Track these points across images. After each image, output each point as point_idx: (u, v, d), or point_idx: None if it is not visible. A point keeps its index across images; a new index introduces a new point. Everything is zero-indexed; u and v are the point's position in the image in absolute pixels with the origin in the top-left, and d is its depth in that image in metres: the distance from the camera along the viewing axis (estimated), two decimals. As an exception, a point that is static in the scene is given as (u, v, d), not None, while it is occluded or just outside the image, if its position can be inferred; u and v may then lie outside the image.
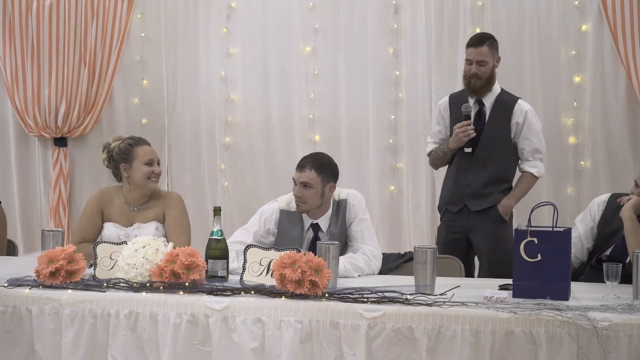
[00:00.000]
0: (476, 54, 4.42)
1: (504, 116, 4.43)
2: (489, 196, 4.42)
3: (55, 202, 5.94)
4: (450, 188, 4.55)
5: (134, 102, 5.96)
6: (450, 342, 2.88)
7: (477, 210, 4.43)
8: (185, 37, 5.89)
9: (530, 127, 4.42)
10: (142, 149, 3.97)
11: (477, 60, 4.41)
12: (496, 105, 4.45)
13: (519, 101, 4.47)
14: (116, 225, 3.96)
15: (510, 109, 4.42)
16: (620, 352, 2.78)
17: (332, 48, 5.68)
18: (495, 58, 4.46)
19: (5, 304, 3.19)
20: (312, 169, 3.77)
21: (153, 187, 3.98)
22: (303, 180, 3.76)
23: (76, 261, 3.26)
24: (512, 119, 4.41)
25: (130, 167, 3.94)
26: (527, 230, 3.05)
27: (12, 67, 5.92)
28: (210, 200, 5.82)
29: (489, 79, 4.43)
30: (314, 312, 2.98)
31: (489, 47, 4.42)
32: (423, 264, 3.13)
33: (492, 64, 4.43)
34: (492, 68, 4.44)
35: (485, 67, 4.41)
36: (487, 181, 4.42)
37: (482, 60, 4.40)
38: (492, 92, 4.47)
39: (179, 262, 3.15)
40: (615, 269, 3.11)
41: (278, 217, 3.86)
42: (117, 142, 4.01)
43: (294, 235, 3.81)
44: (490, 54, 4.42)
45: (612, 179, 5.22)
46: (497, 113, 4.45)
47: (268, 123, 5.80)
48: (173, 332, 3.05)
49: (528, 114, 4.42)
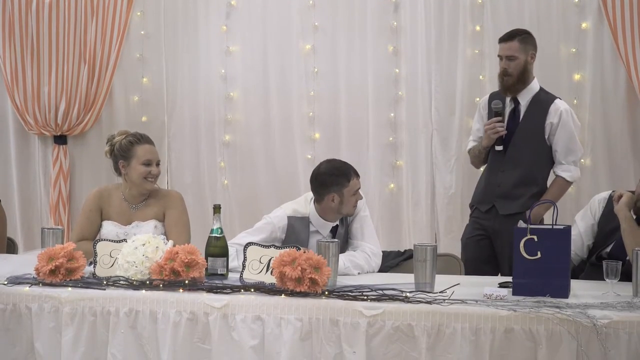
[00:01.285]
0: (505, 49, 4.35)
1: (539, 116, 4.34)
2: (518, 199, 4.34)
3: (55, 200, 5.93)
4: (482, 187, 4.52)
5: (133, 99, 5.95)
6: (450, 339, 2.88)
7: (504, 214, 4.36)
8: (184, 34, 5.88)
9: (565, 128, 4.30)
10: (142, 148, 3.94)
11: (506, 55, 4.34)
12: (532, 104, 4.36)
13: (555, 101, 4.36)
14: (115, 223, 3.96)
15: (546, 108, 4.32)
16: (619, 349, 2.79)
17: (331, 46, 5.67)
18: (528, 54, 4.35)
19: (5, 301, 3.19)
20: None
21: (149, 187, 3.97)
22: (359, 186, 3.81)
23: (76, 259, 3.26)
24: (546, 118, 4.31)
25: (128, 165, 3.93)
26: (527, 228, 3.05)
27: (11, 65, 5.91)
28: (210, 198, 5.81)
29: (521, 75, 4.34)
30: (313, 310, 2.98)
31: (520, 42, 4.33)
32: (423, 262, 3.13)
33: (523, 60, 4.33)
34: (525, 64, 4.34)
35: (515, 63, 4.32)
36: (518, 181, 4.34)
37: (512, 56, 4.32)
38: (528, 90, 4.38)
39: (178, 260, 3.16)
40: (615, 267, 3.11)
41: (286, 223, 3.82)
42: (120, 137, 3.99)
43: (300, 241, 3.78)
44: (521, 49, 4.33)
45: (612, 177, 5.21)
46: (532, 112, 4.36)
47: (268, 121, 5.79)
48: (173, 330, 3.06)
49: (563, 114, 4.30)
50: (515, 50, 4.33)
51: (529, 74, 4.38)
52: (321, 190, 3.75)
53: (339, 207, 3.74)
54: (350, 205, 3.76)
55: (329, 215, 3.80)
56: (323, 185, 3.74)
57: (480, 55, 5.46)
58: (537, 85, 4.42)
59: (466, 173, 5.37)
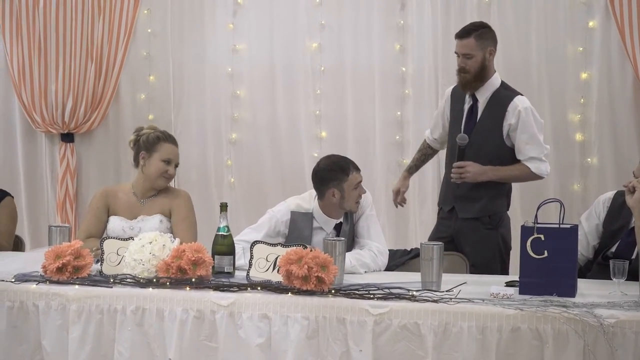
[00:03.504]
0: (461, 47, 4.14)
1: (497, 115, 4.11)
2: (478, 201, 4.15)
3: (62, 198, 5.97)
4: (444, 187, 4.38)
5: (140, 98, 5.98)
6: (457, 338, 2.88)
7: (463, 218, 4.19)
8: (191, 33, 5.91)
9: (524, 127, 4.06)
10: (166, 147, 4.02)
11: (462, 53, 4.13)
12: (490, 102, 4.15)
13: (514, 99, 4.11)
14: (121, 218, 4.00)
15: (505, 107, 4.09)
16: (626, 348, 2.79)
17: (338, 44, 5.69)
18: (486, 50, 4.12)
19: (12, 299, 3.21)
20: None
21: (162, 184, 4.03)
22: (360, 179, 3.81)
23: (83, 257, 3.28)
24: (504, 119, 4.08)
25: (149, 157, 4.00)
26: (534, 227, 3.04)
27: (19, 63, 5.95)
28: (217, 196, 5.83)
29: (479, 73, 4.12)
30: (320, 308, 2.99)
31: (476, 39, 4.10)
32: (429, 261, 3.14)
33: (481, 57, 4.11)
34: (482, 61, 4.11)
35: (472, 61, 4.10)
36: (477, 183, 4.10)
37: (467, 54, 4.11)
38: (487, 86, 4.16)
39: (185, 258, 3.17)
40: (622, 266, 3.10)
41: (289, 218, 3.84)
42: (149, 130, 4.06)
43: (303, 237, 3.79)
44: (478, 46, 4.10)
45: (618, 176, 5.20)
46: (490, 111, 4.14)
47: (274, 119, 5.81)
48: (179, 328, 3.07)
49: (522, 113, 4.06)
50: (472, 48, 4.10)
51: (488, 70, 4.15)
52: (321, 187, 3.77)
53: (340, 202, 3.75)
54: (352, 200, 3.76)
55: (332, 211, 3.81)
56: (323, 181, 3.76)
57: (487, 54, 5.47)
58: (498, 80, 4.20)
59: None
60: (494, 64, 4.23)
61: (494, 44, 4.21)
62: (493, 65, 4.22)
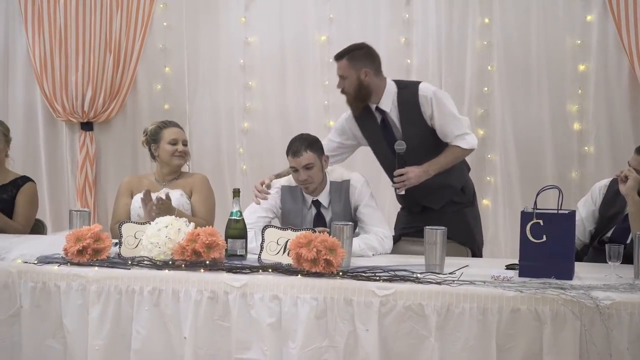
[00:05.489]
0: (337, 68, 4.05)
1: (414, 112, 4.02)
2: (446, 189, 4.11)
3: (82, 184, 6.05)
4: (401, 197, 4.15)
5: (156, 88, 6.05)
6: (459, 319, 2.92)
7: (437, 208, 4.12)
8: (205, 26, 5.95)
9: (441, 111, 3.98)
10: (169, 130, 4.23)
11: (338, 74, 4.05)
12: (400, 105, 4.04)
13: (419, 90, 4.01)
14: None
15: (416, 101, 4.00)
16: (621, 329, 2.82)
17: (346, 37, 5.62)
18: (360, 71, 3.98)
19: (35, 280, 3.27)
20: (307, 150, 3.82)
21: (178, 163, 4.21)
22: (305, 163, 3.80)
23: (102, 240, 3.33)
24: (422, 112, 4.00)
25: (158, 147, 4.21)
26: (533, 212, 3.08)
27: (40, 55, 6.02)
28: (230, 182, 5.88)
29: (358, 93, 4.01)
30: (328, 290, 3.02)
31: (348, 61, 3.99)
32: (433, 245, 3.19)
33: (355, 77, 3.98)
34: (358, 82, 3.98)
35: (348, 81, 4.00)
36: (435, 182, 4.00)
37: (342, 75, 4.02)
38: (386, 96, 4.03)
39: (200, 241, 3.21)
40: (617, 250, 3.14)
41: (280, 193, 3.95)
42: (151, 126, 4.28)
43: (296, 211, 3.88)
44: (350, 67, 3.99)
45: (614, 164, 5.22)
46: (405, 111, 4.04)
47: (284, 109, 5.85)
48: (194, 308, 3.11)
49: (433, 100, 3.97)
50: (345, 70, 4.00)
51: (369, 89, 4.01)
52: None
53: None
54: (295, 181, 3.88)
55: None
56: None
57: (489, 47, 5.52)
58: (393, 86, 4.07)
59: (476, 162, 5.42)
60: (381, 78, 4.08)
61: (371, 64, 4.04)
62: (380, 81, 4.07)
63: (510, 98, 5.50)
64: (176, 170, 4.26)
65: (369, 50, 4.09)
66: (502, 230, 5.60)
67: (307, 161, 3.81)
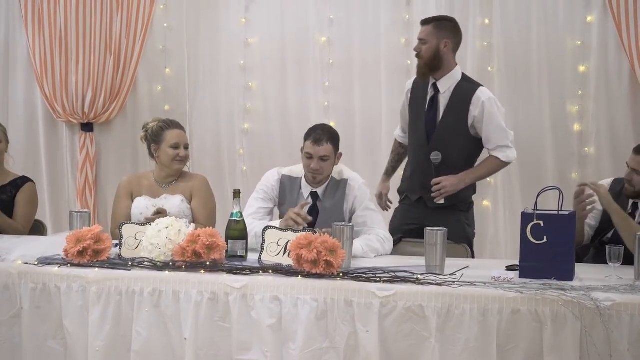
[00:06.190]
0: (420, 33, 4.23)
1: (461, 107, 4.15)
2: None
3: (82, 185, 6.05)
4: (408, 175, 4.36)
5: (157, 89, 6.05)
6: (460, 320, 2.93)
7: (433, 207, 4.17)
8: (205, 27, 5.95)
9: (490, 118, 4.11)
10: (171, 133, 4.15)
11: (419, 37, 4.21)
12: (454, 94, 4.18)
13: (477, 91, 4.16)
14: (145, 197, 4.12)
15: (468, 99, 4.13)
16: (622, 330, 2.83)
17: (346, 38, 5.71)
18: (441, 41, 4.16)
19: (35, 281, 3.27)
20: (329, 142, 3.84)
21: (178, 168, 4.16)
22: (322, 153, 3.83)
23: (102, 241, 3.33)
24: (469, 111, 4.13)
25: (159, 148, 4.14)
26: (534, 213, 3.08)
27: (41, 56, 6.02)
28: (230, 183, 5.88)
29: (432, 60, 4.16)
30: (329, 291, 3.03)
31: (433, 27, 4.17)
32: (433, 246, 3.19)
33: (435, 45, 4.16)
34: (436, 49, 4.15)
35: (426, 46, 4.16)
36: (445, 174, 4.09)
37: (422, 39, 4.18)
38: (448, 78, 4.20)
39: (200, 243, 3.21)
40: (618, 251, 3.15)
41: (278, 179, 3.97)
42: (153, 124, 4.20)
43: (291, 202, 3.88)
44: (433, 33, 4.16)
45: (615, 165, 5.24)
46: (454, 102, 4.17)
47: (285, 110, 5.85)
48: (195, 309, 3.12)
49: (486, 104, 4.10)
50: (427, 34, 4.17)
51: (442, 61, 4.18)
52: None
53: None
54: (305, 167, 3.90)
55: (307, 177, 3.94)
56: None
57: (489, 48, 5.52)
58: (459, 73, 4.25)
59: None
60: (453, 57, 4.27)
61: (453, 38, 4.23)
62: (452, 59, 4.25)
63: (510, 99, 5.49)
64: (175, 174, 4.23)
65: (456, 25, 4.27)
66: (503, 231, 5.59)
67: (325, 152, 3.84)
